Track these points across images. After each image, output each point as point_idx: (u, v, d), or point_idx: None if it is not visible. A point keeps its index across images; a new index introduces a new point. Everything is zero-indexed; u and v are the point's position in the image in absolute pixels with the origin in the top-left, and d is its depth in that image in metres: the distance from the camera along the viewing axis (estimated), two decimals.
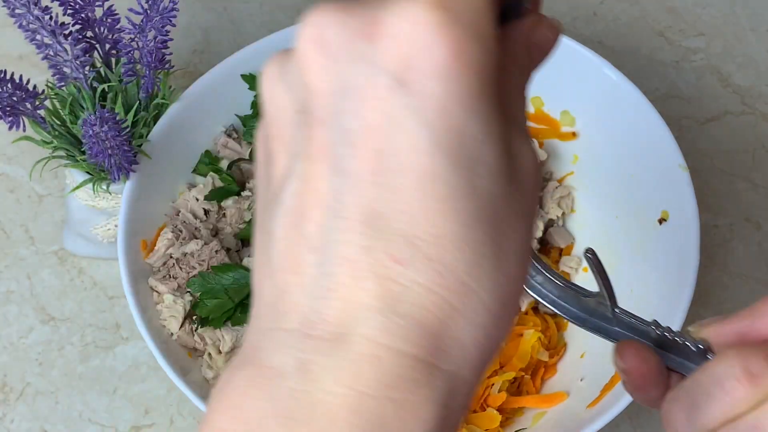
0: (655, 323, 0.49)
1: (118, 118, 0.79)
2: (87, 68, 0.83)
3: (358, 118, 0.32)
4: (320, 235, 0.33)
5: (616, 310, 0.50)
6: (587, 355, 0.83)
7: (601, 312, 0.50)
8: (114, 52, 0.86)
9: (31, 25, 0.79)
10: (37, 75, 1.04)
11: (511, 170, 0.34)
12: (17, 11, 0.78)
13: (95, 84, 0.84)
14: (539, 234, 0.89)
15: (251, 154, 0.88)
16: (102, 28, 0.85)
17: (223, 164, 0.89)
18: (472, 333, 0.33)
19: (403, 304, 0.32)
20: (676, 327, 0.75)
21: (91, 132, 0.77)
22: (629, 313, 0.50)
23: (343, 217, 0.32)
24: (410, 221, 0.32)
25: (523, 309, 0.86)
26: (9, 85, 0.80)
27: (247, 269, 0.81)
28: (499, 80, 0.34)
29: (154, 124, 0.85)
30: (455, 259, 0.32)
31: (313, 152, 0.33)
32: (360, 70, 0.33)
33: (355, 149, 0.32)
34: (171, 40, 0.83)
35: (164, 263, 0.83)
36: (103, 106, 0.84)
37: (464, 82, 0.32)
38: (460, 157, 0.32)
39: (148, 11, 0.81)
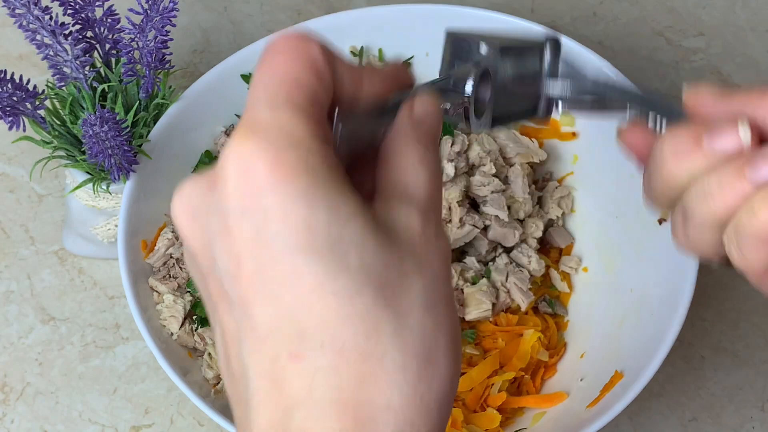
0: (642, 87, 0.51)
1: (118, 118, 0.79)
2: (87, 68, 0.83)
3: (226, 256, 0.38)
4: (239, 365, 0.38)
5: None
6: (587, 355, 0.83)
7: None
8: (114, 52, 0.86)
9: (31, 25, 0.79)
10: (37, 75, 1.04)
11: (386, 238, 0.38)
12: (17, 11, 0.78)
13: (95, 84, 0.84)
14: (539, 234, 0.89)
15: None
16: (102, 28, 0.85)
17: None
18: (395, 392, 0.36)
19: (316, 391, 0.36)
20: (675, 327, 0.75)
21: (91, 132, 0.77)
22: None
23: (248, 341, 0.37)
24: (297, 318, 0.36)
25: (524, 309, 0.86)
26: (9, 85, 0.80)
27: None
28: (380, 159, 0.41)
29: (154, 124, 0.85)
30: (347, 334, 0.36)
31: (214, 300, 0.39)
32: (214, 218, 0.38)
33: (235, 280, 0.37)
34: (171, 40, 0.83)
35: (164, 263, 0.83)
36: (103, 106, 0.84)
37: (292, 184, 0.36)
38: (315, 243, 0.36)
39: (148, 11, 0.81)
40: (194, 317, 0.82)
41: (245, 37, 1.10)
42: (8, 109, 0.80)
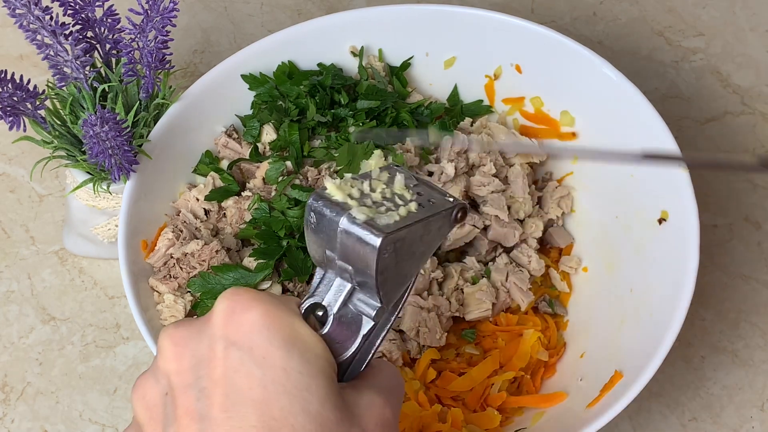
0: None
1: (118, 118, 0.79)
2: (87, 68, 0.83)
3: (209, 378, 0.46)
4: None
5: None
6: (587, 355, 0.83)
7: None
8: (114, 52, 0.86)
9: (31, 26, 0.79)
10: (38, 75, 1.04)
11: (343, 404, 0.47)
12: (18, 11, 0.78)
13: (95, 84, 0.84)
14: (539, 234, 0.89)
15: (252, 154, 0.88)
16: (102, 29, 0.85)
17: (224, 164, 0.89)
18: None
19: None
20: (675, 327, 0.75)
21: (91, 132, 0.77)
22: None
23: None
24: None
25: (524, 309, 0.86)
26: (9, 85, 0.80)
27: (248, 269, 0.81)
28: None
29: (155, 124, 0.85)
30: None
31: (179, 414, 0.46)
32: (203, 343, 0.47)
33: (210, 399, 0.46)
34: (171, 40, 0.83)
35: (165, 263, 0.83)
36: (104, 106, 0.84)
37: (276, 332, 0.46)
38: (287, 386, 0.45)
39: (149, 11, 0.81)
40: (195, 317, 0.82)
41: (245, 37, 1.10)
42: (9, 109, 0.80)
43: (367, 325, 0.51)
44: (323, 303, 0.51)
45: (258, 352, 0.46)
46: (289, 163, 0.85)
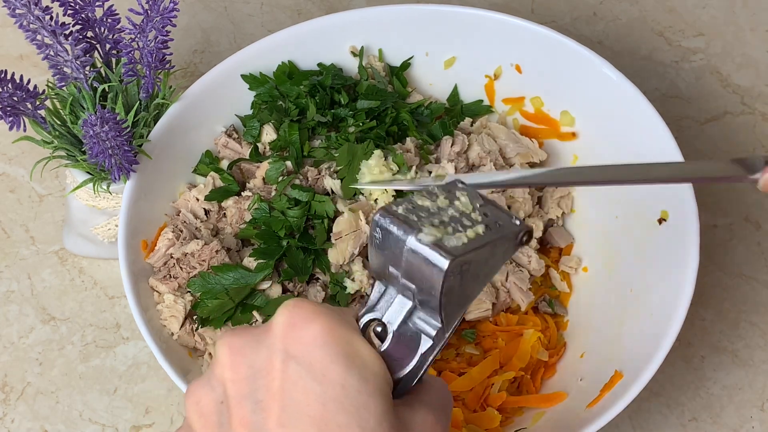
0: None
1: (118, 118, 0.79)
2: (87, 68, 0.83)
3: (266, 390, 0.46)
4: None
5: None
6: (587, 355, 0.83)
7: None
8: (114, 52, 0.86)
9: (31, 26, 0.79)
10: (38, 75, 1.04)
11: (398, 422, 0.47)
12: (18, 11, 0.78)
13: (96, 84, 0.84)
14: (539, 234, 0.89)
15: (252, 153, 0.88)
16: (102, 29, 0.85)
17: (224, 164, 0.89)
18: None
19: None
20: (675, 327, 0.75)
21: (91, 132, 0.77)
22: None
23: None
24: None
25: (524, 309, 0.86)
26: (9, 85, 0.80)
27: (248, 269, 0.81)
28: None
29: (155, 124, 0.85)
30: None
31: (234, 424, 0.46)
32: (261, 353, 0.47)
33: (266, 412, 0.45)
34: (171, 40, 0.83)
35: (165, 263, 0.83)
36: (104, 106, 0.84)
37: (336, 348, 0.46)
38: (345, 403, 0.45)
39: (149, 11, 0.81)
40: (194, 317, 0.82)
41: (245, 37, 1.10)
42: (9, 109, 0.80)
43: (425, 344, 0.50)
44: (383, 319, 0.51)
45: (318, 367, 0.46)
46: (289, 163, 0.85)
